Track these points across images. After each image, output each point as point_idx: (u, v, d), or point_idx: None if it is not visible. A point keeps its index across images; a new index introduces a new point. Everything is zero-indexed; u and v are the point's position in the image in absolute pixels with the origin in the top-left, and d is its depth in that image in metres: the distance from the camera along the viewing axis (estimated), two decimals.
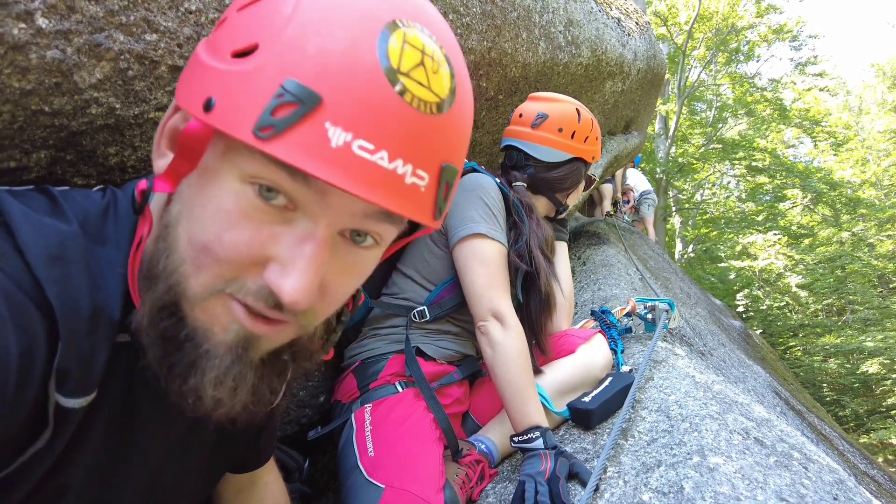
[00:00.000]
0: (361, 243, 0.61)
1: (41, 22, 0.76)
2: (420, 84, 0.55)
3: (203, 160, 0.58)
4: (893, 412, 9.34)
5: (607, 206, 6.61)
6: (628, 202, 7.63)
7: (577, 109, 1.92)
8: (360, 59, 0.53)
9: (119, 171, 0.98)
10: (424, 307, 1.69)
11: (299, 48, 0.52)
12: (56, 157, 0.88)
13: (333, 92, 0.51)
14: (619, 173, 7.11)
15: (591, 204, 6.60)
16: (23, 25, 0.74)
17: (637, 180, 7.84)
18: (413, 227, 0.70)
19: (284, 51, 0.52)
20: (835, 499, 1.23)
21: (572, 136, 1.89)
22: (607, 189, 6.59)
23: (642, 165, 12.24)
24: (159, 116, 0.95)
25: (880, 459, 7.95)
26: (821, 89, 16.50)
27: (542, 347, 1.74)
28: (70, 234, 0.62)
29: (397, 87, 0.53)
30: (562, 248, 2.08)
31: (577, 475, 1.36)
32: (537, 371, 1.68)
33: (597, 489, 1.30)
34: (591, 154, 1.95)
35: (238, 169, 0.55)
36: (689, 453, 1.31)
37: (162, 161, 0.62)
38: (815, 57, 16.66)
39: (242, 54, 0.54)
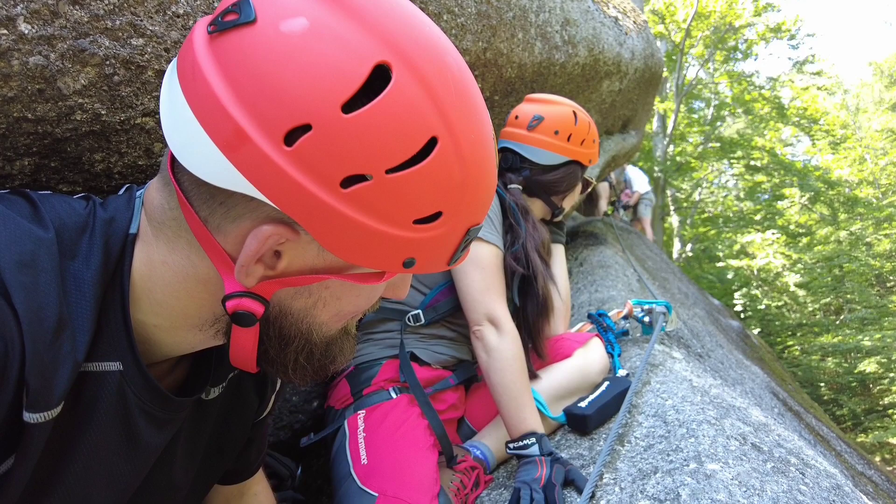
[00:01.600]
0: None
1: (24, 27, 0.74)
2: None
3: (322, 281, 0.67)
4: (890, 411, 9.34)
5: (604, 205, 6.60)
6: (626, 205, 7.61)
7: (574, 112, 1.90)
8: (494, 183, 0.70)
9: (105, 177, 0.97)
10: (419, 311, 1.67)
11: (474, 204, 0.65)
12: (40, 164, 0.87)
13: (485, 214, 0.69)
14: (614, 173, 7.09)
15: (589, 203, 6.57)
16: (4, 31, 0.72)
17: (637, 179, 7.82)
18: None
19: (466, 211, 0.64)
20: None
21: (568, 139, 1.87)
22: (604, 188, 6.57)
23: (640, 164, 12.24)
24: (146, 122, 0.94)
25: (877, 459, 7.96)
26: (819, 88, 16.51)
27: (538, 351, 1.73)
28: (45, 241, 0.60)
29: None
30: (558, 251, 2.07)
31: (572, 482, 1.35)
32: (533, 375, 1.67)
33: (593, 496, 1.29)
34: (588, 157, 1.94)
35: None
36: (685, 459, 1.30)
37: (252, 278, 0.63)
38: (813, 55, 16.70)
39: (426, 220, 0.61)
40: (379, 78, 0.55)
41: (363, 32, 0.56)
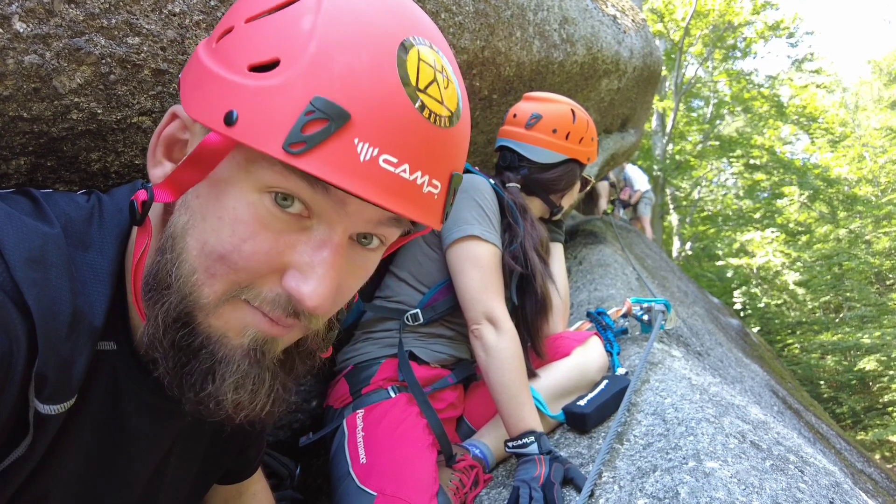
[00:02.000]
0: (367, 245, 0.64)
1: (19, 26, 0.74)
2: (435, 100, 0.59)
3: (214, 171, 0.58)
4: (890, 409, 9.34)
5: (604, 204, 6.60)
6: (626, 204, 7.61)
7: (573, 110, 1.90)
8: (384, 78, 0.55)
9: (102, 176, 0.96)
10: (418, 310, 1.67)
11: (326, 66, 0.54)
12: (36, 163, 0.86)
13: (361, 110, 0.54)
14: (613, 172, 7.08)
15: (589, 201, 6.57)
16: None
17: (637, 178, 7.82)
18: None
19: (310, 68, 0.53)
20: (830, 502, 1.22)
21: (567, 137, 1.87)
22: (603, 187, 6.57)
23: (639, 162, 12.24)
24: (142, 121, 0.93)
25: (877, 456, 7.96)
26: (817, 86, 16.51)
27: (537, 350, 1.73)
28: (52, 236, 0.60)
29: (417, 104, 0.57)
30: (557, 250, 2.07)
31: (571, 480, 1.35)
32: (532, 374, 1.67)
33: (592, 494, 1.29)
34: (587, 155, 1.93)
35: (256, 180, 0.56)
36: (684, 458, 1.30)
37: (159, 170, 0.61)
38: (812, 54, 16.69)
39: (262, 68, 0.54)
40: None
41: None
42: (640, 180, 7.79)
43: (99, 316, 0.62)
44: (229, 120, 0.53)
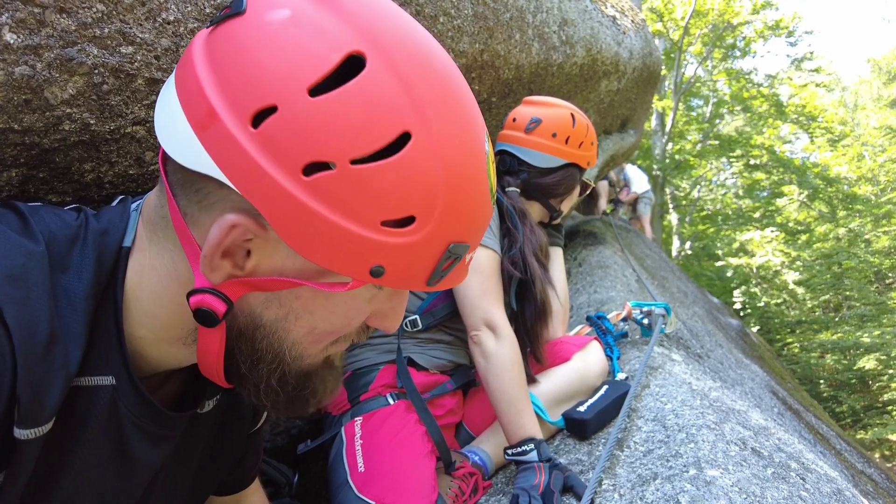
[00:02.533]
0: None
1: (9, 37, 0.73)
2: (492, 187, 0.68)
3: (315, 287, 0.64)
4: (889, 408, 9.34)
5: (603, 204, 6.58)
6: (622, 203, 7.60)
7: (572, 114, 1.89)
8: (487, 204, 0.66)
9: (96, 187, 0.95)
10: (416, 316, 1.66)
11: (454, 216, 0.60)
12: (28, 175, 0.85)
13: (476, 237, 0.65)
14: (613, 171, 7.07)
15: (589, 201, 6.56)
16: None
17: (636, 178, 7.80)
18: None
19: (443, 221, 0.59)
20: None
21: (566, 142, 1.86)
22: (603, 187, 6.56)
23: (639, 162, 12.22)
24: (136, 131, 0.92)
25: (877, 455, 7.96)
26: (817, 85, 16.50)
27: (537, 356, 1.72)
28: (36, 254, 0.59)
29: (490, 200, 0.67)
30: (556, 254, 2.06)
31: (571, 488, 1.34)
32: (532, 380, 1.66)
33: (592, 503, 1.28)
34: (586, 159, 1.92)
35: (370, 296, 0.68)
36: (685, 465, 1.29)
37: (217, 274, 0.60)
38: (811, 53, 16.69)
39: (396, 223, 0.57)
40: (354, 68, 0.55)
41: (343, 23, 0.56)
42: (638, 181, 7.77)
43: (75, 342, 0.60)
44: (377, 274, 0.58)
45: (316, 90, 0.53)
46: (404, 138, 0.56)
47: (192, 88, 0.57)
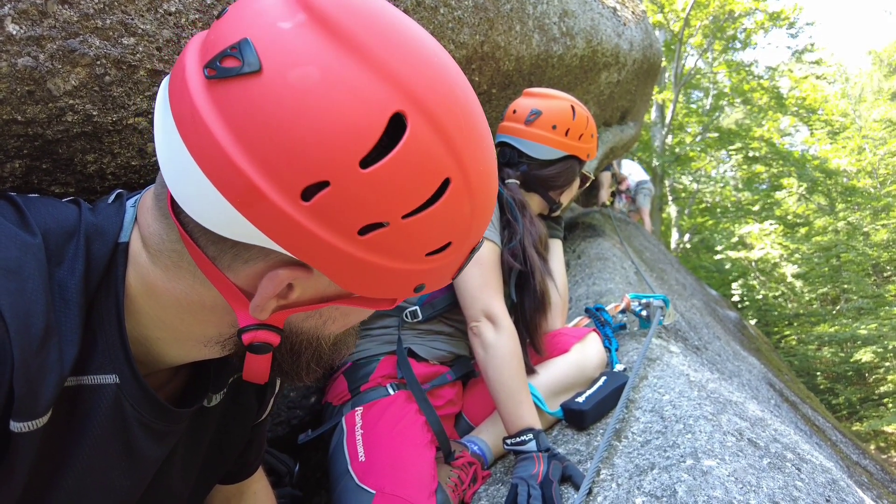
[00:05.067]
0: None
1: (11, 28, 0.73)
2: None
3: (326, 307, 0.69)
4: (885, 400, 9.40)
5: (605, 195, 6.58)
6: (623, 195, 7.60)
7: (572, 106, 1.89)
8: (495, 204, 0.71)
9: (99, 178, 0.96)
10: (416, 307, 1.67)
11: (479, 229, 0.66)
12: (31, 166, 0.86)
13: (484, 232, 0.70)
14: (615, 162, 7.07)
15: (589, 192, 6.56)
16: None
17: (633, 170, 7.81)
18: None
19: (472, 237, 0.66)
20: (827, 500, 1.23)
21: (566, 134, 1.86)
22: (605, 177, 6.56)
23: (639, 154, 12.22)
24: (139, 122, 0.93)
25: (872, 447, 8.02)
26: (818, 77, 16.44)
27: (536, 347, 1.73)
28: (33, 247, 0.59)
29: None
30: (556, 246, 2.06)
31: (570, 478, 1.35)
32: (530, 370, 1.67)
33: (590, 492, 1.29)
34: (586, 152, 1.93)
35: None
36: (682, 456, 1.30)
37: (266, 312, 0.63)
38: (812, 45, 16.59)
39: (437, 251, 0.62)
40: (394, 127, 0.54)
41: (376, 80, 0.54)
42: (634, 172, 7.78)
43: (70, 336, 0.61)
44: (419, 290, 0.65)
45: (366, 162, 0.53)
46: (445, 184, 0.58)
47: (220, 162, 0.53)
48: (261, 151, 0.52)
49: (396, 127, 0.54)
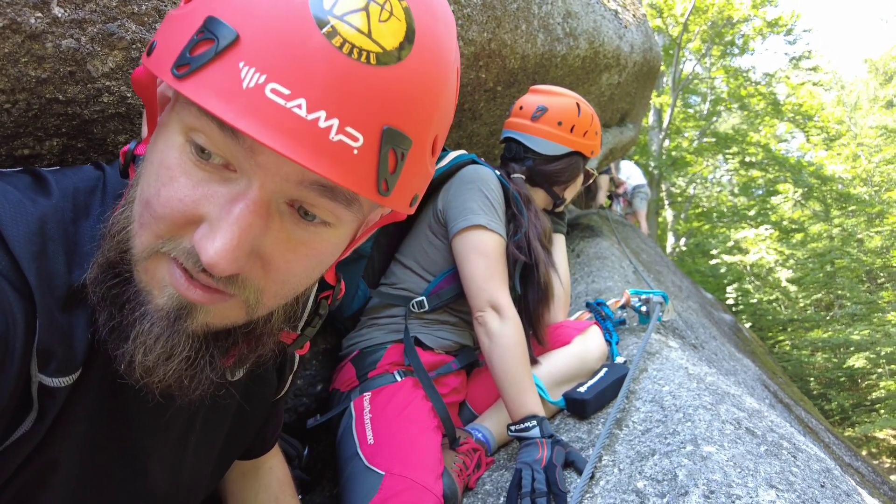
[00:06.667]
0: (312, 220, 0.57)
1: (57, 11, 0.76)
2: (357, 30, 0.50)
3: (160, 116, 0.57)
4: (878, 406, 9.47)
5: (602, 197, 6.63)
6: (620, 198, 7.65)
7: (578, 104, 1.93)
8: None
9: None
10: (423, 298, 1.71)
11: None
12: (68, 144, 0.89)
13: (253, 30, 0.49)
14: (613, 165, 7.12)
15: (587, 194, 6.60)
16: (39, 14, 0.74)
17: (631, 173, 7.85)
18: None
19: None
20: (822, 486, 1.26)
21: (571, 130, 1.90)
22: (604, 180, 6.60)
23: (636, 158, 12.27)
24: None
25: (864, 452, 8.08)
26: (814, 84, 16.55)
27: (539, 338, 1.77)
28: (49, 208, 0.60)
29: (325, 29, 0.49)
30: (559, 241, 2.10)
31: (572, 463, 1.38)
32: (533, 361, 1.71)
33: (592, 476, 1.33)
34: (591, 148, 1.97)
35: (180, 121, 0.53)
36: (682, 442, 1.34)
37: (145, 128, 0.62)
38: (810, 51, 16.71)
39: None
40: None
41: None
42: (633, 175, 7.82)
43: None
44: (150, 50, 0.53)
45: None
46: None
47: None
48: None
49: None
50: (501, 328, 1.53)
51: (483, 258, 1.60)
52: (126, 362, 0.58)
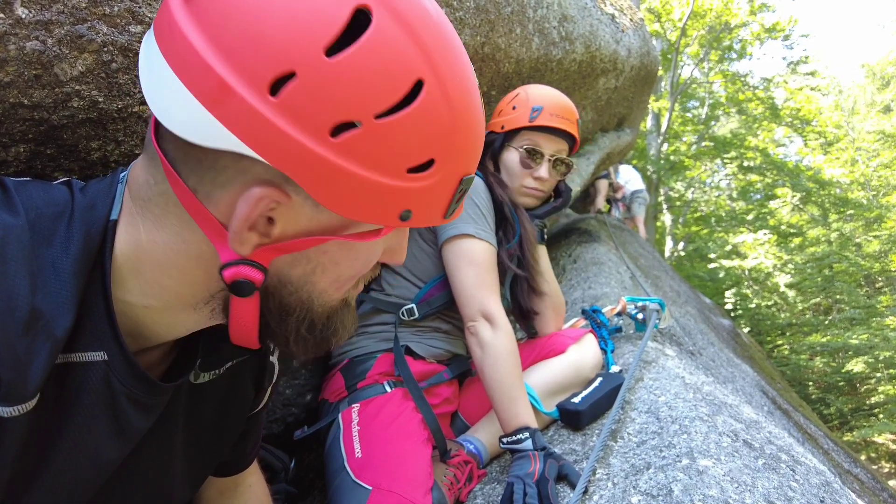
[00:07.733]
0: None
1: (21, 12, 0.73)
2: None
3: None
4: (876, 410, 9.44)
5: (601, 202, 6.61)
6: (619, 203, 7.64)
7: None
8: (483, 135, 0.70)
9: (102, 165, 0.96)
10: (413, 304, 1.68)
11: (465, 151, 0.65)
12: (36, 151, 0.86)
13: (475, 168, 0.69)
14: (612, 169, 7.10)
15: (585, 198, 6.59)
16: (1, 16, 0.71)
17: (630, 177, 7.84)
18: None
19: (458, 158, 0.64)
20: (821, 501, 1.23)
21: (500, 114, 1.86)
22: (602, 184, 6.59)
23: (634, 162, 12.27)
24: (144, 110, 0.93)
25: (863, 457, 8.06)
26: (812, 88, 16.59)
27: (529, 327, 1.76)
28: (14, 228, 0.58)
29: None
30: (542, 250, 2.06)
31: (566, 477, 1.35)
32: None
33: (586, 491, 1.29)
34: (500, 124, 1.89)
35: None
36: (678, 455, 1.30)
37: (246, 246, 0.61)
38: (807, 56, 16.77)
39: (418, 168, 0.60)
40: (360, 22, 0.55)
41: None
42: (631, 180, 7.81)
43: (62, 317, 0.59)
44: (406, 217, 0.62)
45: (331, 50, 0.54)
46: (418, 86, 0.58)
47: (190, 61, 0.54)
48: (228, 46, 0.53)
49: (362, 23, 0.55)
50: (493, 337, 1.50)
51: (473, 267, 1.57)
52: (332, 345, 0.76)
